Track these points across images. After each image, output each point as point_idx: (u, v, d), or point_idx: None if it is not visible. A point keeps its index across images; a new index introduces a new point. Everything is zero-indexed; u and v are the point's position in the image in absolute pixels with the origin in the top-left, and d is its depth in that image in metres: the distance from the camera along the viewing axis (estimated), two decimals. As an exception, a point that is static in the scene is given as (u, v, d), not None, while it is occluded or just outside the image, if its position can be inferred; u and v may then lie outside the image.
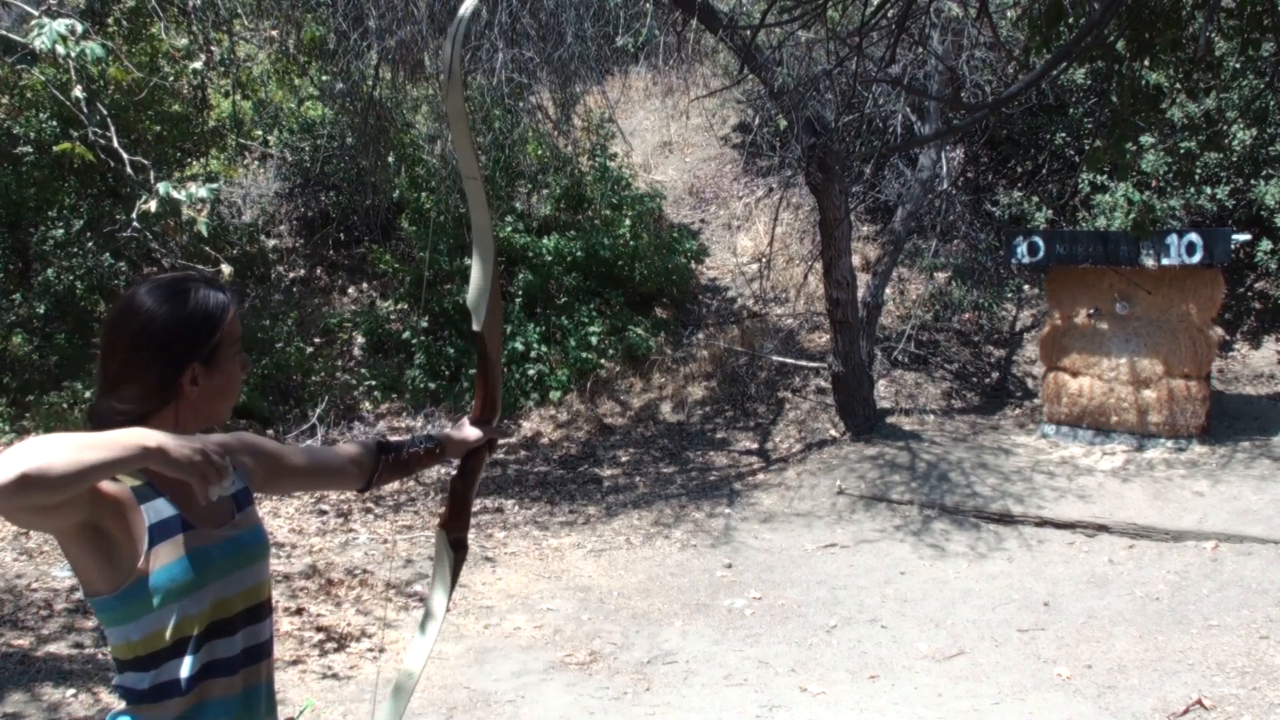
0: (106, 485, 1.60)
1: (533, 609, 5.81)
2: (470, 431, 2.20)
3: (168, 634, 1.65)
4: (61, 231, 8.84)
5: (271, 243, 11.08)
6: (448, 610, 2.06)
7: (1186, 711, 4.34)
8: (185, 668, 1.67)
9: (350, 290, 10.92)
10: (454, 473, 2.21)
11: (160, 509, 1.66)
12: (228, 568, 1.73)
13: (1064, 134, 10.14)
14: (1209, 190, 8.99)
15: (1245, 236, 8.46)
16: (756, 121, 10.86)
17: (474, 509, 7.59)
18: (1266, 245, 8.86)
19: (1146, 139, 8.91)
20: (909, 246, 10.19)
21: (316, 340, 10.19)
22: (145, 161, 5.20)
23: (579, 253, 9.80)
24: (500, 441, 9.20)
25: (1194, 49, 3.25)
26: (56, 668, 4.88)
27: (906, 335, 9.81)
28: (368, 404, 9.58)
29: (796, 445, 8.70)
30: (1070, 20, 3.24)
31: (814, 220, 9.45)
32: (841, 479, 7.82)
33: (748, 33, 6.46)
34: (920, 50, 7.65)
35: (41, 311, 8.80)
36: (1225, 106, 8.91)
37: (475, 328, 2.08)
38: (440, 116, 8.50)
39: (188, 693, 1.67)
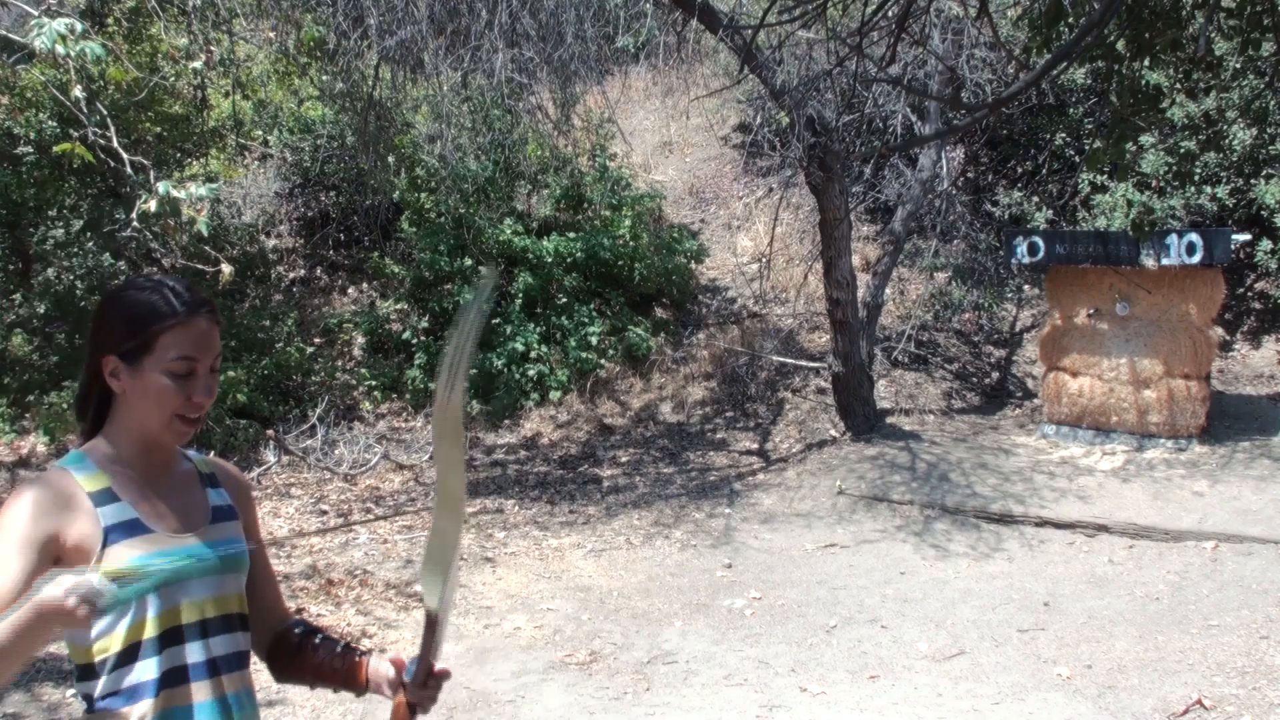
0: (68, 531, 1.60)
1: (533, 609, 5.81)
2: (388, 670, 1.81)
3: (121, 638, 1.61)
4: (61, 231, 8.84)
5: (271, 243, 11.08)
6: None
7: (1186, 711, 4.34)
8: (144, 672, 1.62)
9: (350, 290, 10.92)
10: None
11: (119, 511, 1.64)
12: (188, 572, 1.67)
13: (1064, 134, 10.14)
14: (1209, 190, 8.99)
15: (1245, 236, 8.46)
16: (757, 121, 10.85)
17: (474, 509, 7.61)
18: (1266, 245, 8.86)
19: (1146, 139, 8.91)
20: (909, 246, 10.19)
21: (316, 340, 10.19)
22: (145, 161, 5.21)
23: (579, 253, 9.80)
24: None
25: (1194, 49, 3.25)
26: (56, 668, 4.87)
27: (906, 335, 9.81)
28: (368, 404, 9.58)
29: (796, 445, 8.70)
30: (1070, 20, 3.24)
31: (814, 220, 9.44)
32: (842, 479, 7.82)
33: (748, 33, 6.46)
34: (920, 50, 7.65)
35: (41, 311, 8.80)
36: (1225, 106, 8.91)
37: (430, 605, 1.71)
38: (440, 117, 8.49)
39: (151, 698, 1.62)
